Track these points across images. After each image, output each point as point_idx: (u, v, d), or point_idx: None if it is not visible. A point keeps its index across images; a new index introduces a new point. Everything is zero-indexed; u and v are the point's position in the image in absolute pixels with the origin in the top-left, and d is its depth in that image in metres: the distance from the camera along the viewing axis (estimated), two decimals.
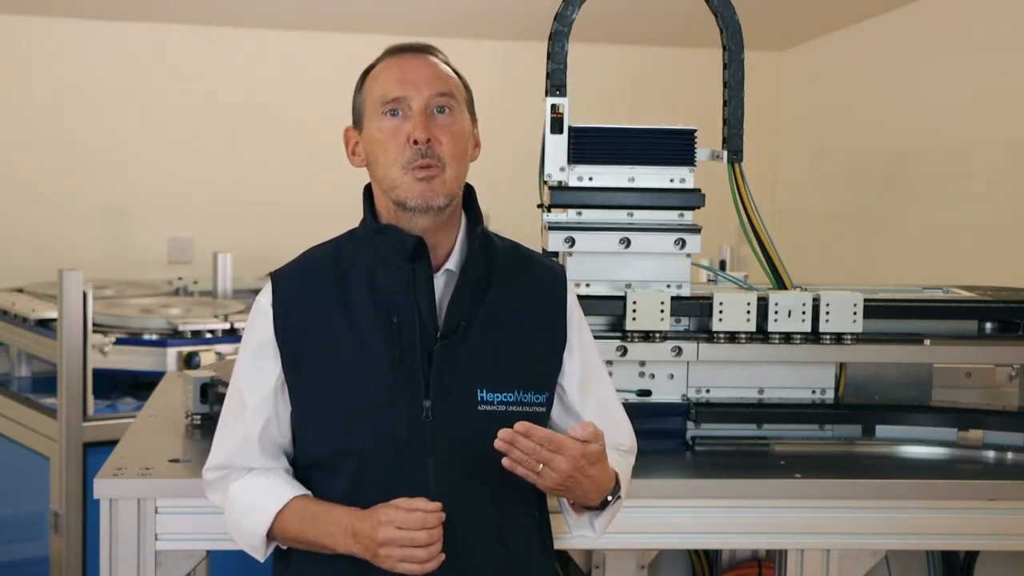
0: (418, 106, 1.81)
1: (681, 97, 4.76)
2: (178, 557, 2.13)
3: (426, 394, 1.80)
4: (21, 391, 3.96)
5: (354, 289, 1.84)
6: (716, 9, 2.54)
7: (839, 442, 2.51)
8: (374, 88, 1.86)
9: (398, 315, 1.80)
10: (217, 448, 1.91)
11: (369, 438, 1.79)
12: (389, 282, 1.82)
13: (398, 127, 1.81)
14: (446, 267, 1.86)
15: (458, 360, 1.81)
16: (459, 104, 1.86)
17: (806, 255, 5.02)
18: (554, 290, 1.93)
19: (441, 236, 1.85)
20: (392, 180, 1.81)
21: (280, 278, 1.88)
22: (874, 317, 2.50)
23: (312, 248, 1.93)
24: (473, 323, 1.83)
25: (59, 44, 5.17)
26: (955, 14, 4.61)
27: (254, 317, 1.89)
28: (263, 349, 1.86)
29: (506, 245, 1.95)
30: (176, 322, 3.84)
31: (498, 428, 1.75)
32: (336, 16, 5.24)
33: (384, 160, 1.82)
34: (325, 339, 1.82)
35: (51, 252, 4.93)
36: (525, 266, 1.94)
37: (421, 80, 1.83)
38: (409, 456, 1.78)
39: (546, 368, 1.89)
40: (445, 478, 1.79)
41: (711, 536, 2.30)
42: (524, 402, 1.84)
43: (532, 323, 1.89)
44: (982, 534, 2.29)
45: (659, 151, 2.50)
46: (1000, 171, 4.31)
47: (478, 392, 1.81)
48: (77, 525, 3.40)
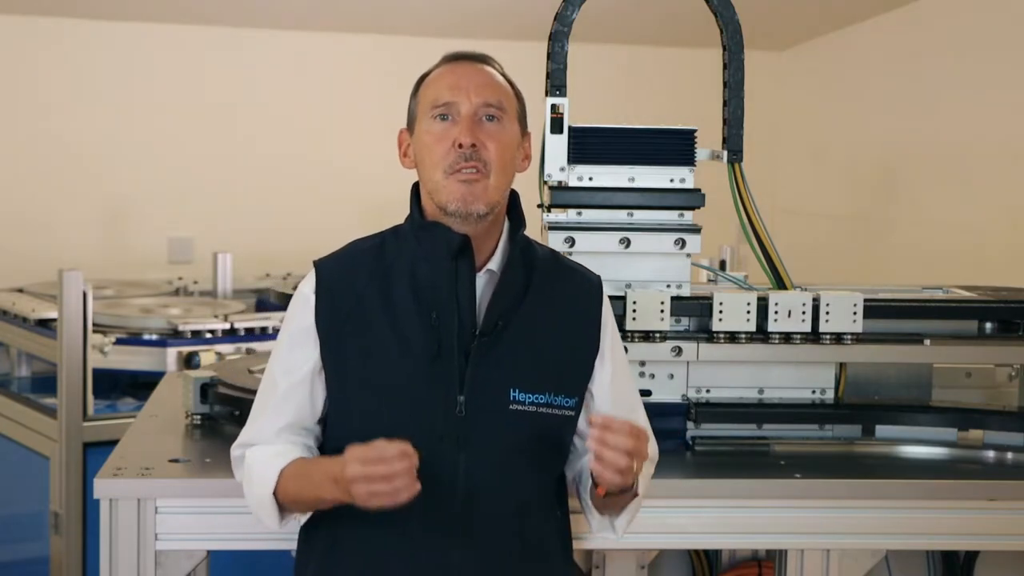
0: (467, 111, 1.84)
1: (681, 97, 4.76)
2: (178, 557, 2.13)
3: (460, 390, 1.82)
4: (21, 391, 3.95)
5: (396, 283, 1.86)
6: (716, 9, 2.54)
7: (839, 442, 2.51)
8: (427, 92, 1.89)
9: (438, 311, 1.83)
10: (246, 428, 1.94)
11: (403, 430, 1.79)
12: (431, 278, 1.85)
13: (446, 131, 1.84)
14: (488, 267, 1.89)
15: (494, 359, 1.84)
16: (509, 115, 1.88)
17: (806, 255, 5.01)
18: (590, 298, 1.97)
19: (484, 238, 1.88)
20: (435, 183, 1.84)
21: (323, 267, 1.91)
22: (874, 317, 2.50)
23: (356, 240, 1.96)
24: (511, 324, 1.86)
25: (59, 44, 5.17)
26: (955, 14, 4.61)
27: (295, 304, 1.91)
28: (303, 335, 1.88)
29: (546, 252, 1.98)
30: (176, 322, 3.84)
31: (528, 428, 1.83)
32: (337, 16, 5.24)
33: (429, 162, 1.85)
34: (365, 330, 1.85)
35: (51, 252, 4.92)
36: (563, 273, 1.97)
37: (472, 87, 1.85)
38: (442, 450, 1.81)
39: (578, 373, 1.92)
40: (474, 473, 1.82)
41: (711, 536, 2.30)
42: (555, 404, 1.87)
43: (567, 328, 1.92)
44: (982, 534, 2.29)
45: (659, 151, 2.50)
46: (1000, 171, 4.31)
47: (511, 392, 1.84)
48: (77, 525, 3.40)
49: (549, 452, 1.91)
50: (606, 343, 1.96)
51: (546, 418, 1.86)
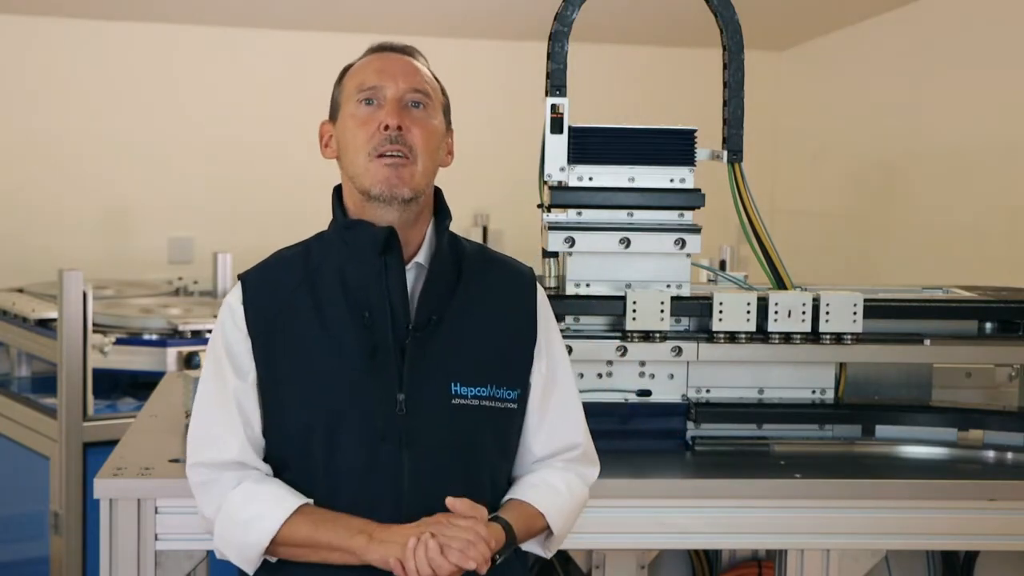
0: (393, 95, 1.83)
1: (681, 97, 4.75)
2: (178, 557, 2.13)
3: (400, 387, 1.80)
4: (21, 391, 3.95)
5: (325, 287, 1.84)
6: (716, 9, 2.54)
7: (839, 442, 2.51)
8: (353, 79, 1.89)
9: (370, 309, 1.81)
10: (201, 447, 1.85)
11: (344, 432, 1.79)
12: (360, 277, 1.83)
13: (371, 115, 1.83)
14: (415, 260, 1.86)
15: (431, 353, 1.81)
16: (434, 105, 1.88)
17: (806, 255, 5.02)
18: (523, 289, 1.94)
19: (410, 231, 1.85)
20: (358, 167, 1.82)
21: (249, 277, 1.89)
22: (874, 317, 2.50)
23: (281, 250, 1.94)
24: (445, 317, 1.83)
25: (59, 44, 5.17)
26: (955, 14, 4.61)
27: (223, 317, 1.87)
28: (238, 346, 1.84)
29: (474, 246, 1.96)
30: (176, 322, 3.84)
31: (472, 423, 1.79)
32: (336, 16, 5.24)
33: (353, 147, 1.83)
34: (296, 337, 1.82)
35: (51, 252, 4.93)
36: (494, 265, 1.95)
37: (399, 73, 1.85)
38: (385, 450, 1.78)
39: (518, 364, 1.90)
40: (419, 471, 1.79)
41: (711, 536, 2.30)
42: (497, 397, 1.85)
43: (502, 319, 1.89)
44: (982, 534, 2.29)
45: (659, 151, 2.50)
46: (1000, 171, 4.31)
47: (452, 386, 1.82)
48: (77, 525, 3.40)
49: (495, 448, 1.87)
50: (542, 333, 1.93)
51: (489, 411, 1.83)
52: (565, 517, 1.90)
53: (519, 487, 1.90)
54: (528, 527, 1.85)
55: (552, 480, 1.90)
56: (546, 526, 1.87)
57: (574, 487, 1.93)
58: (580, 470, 1.96)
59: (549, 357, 1.94)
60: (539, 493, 1.87)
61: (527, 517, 1.85)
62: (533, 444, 1.92)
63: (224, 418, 1.84)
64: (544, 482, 1.89)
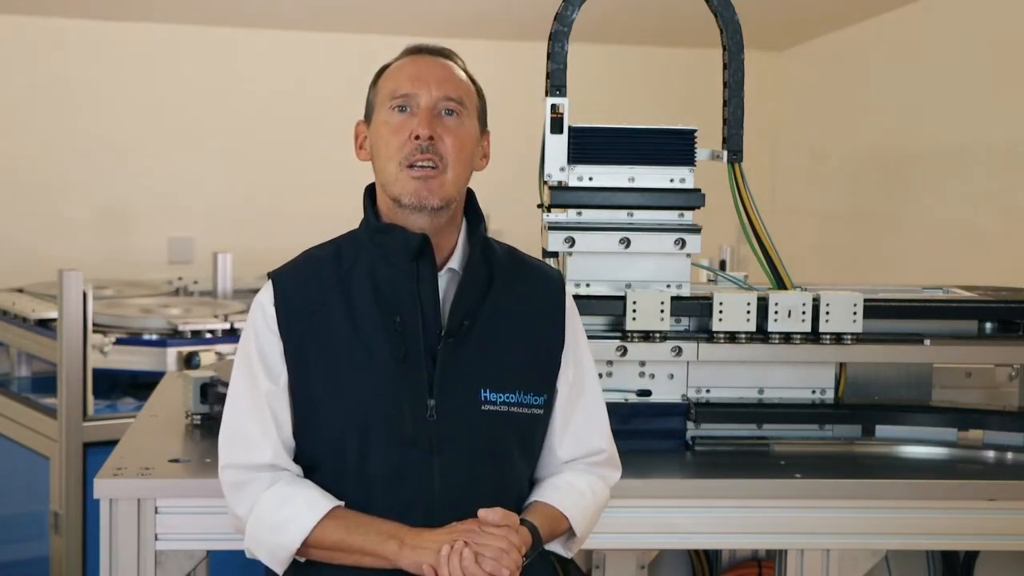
0: (426, 103, 1.81)
1: (681, 97, 4.76)
2: (178, 557, 2.13)
3: (430, 393, 1.79)
4: (21, 391, 3.95)
5: (357, 289, 1.83)
6: (716, 9, 2.54)
7: (839, 442, 2.51)
8: (387, 83, 1.86)
9: (401, 314, 1.80)
10: (237, 446, 1.85)
11: (374, 437, 1.78)
12: (392, 281, 1.82)
13: (404, 123, 1.81)
14: (448, 266, 1.86)
15: (462, 360, 1.81)
16: (468, 111, 1.85)
17: (806, 255, 5.02)
18: (553, 294, 1.94)
19: (442, 236, 1.85)
20: (390, 175, 1.81)
21: (280, 277, 1.87)
22: (874, 317, 2.50)
23: (311, 249, 1.92)
24: (476, 323, 1.83)
25: (59, 44, 5.17)
26: (955, 14, 4.61)
27: (255, 317, 1.86)
28: (270, 348, 1.83)
29: (504, 249, 1.95)
30: (176, 322, 3.84)
31: (500, 429, 1.79)
32: (338, 17, 5.24)
33: (385, 154, 1.82)
34: (328, 339, 1.81)
35: (51, 252, 4.93)
36: (524, 270, 1.94)
37: (433, 80, 1.83)
38: (415, 455, 1.78)
39: (546, 370, 1.90)
40: (449, 477, 1.79)
41: (711, 536, 2.30)
42: (524, 403, 1.85)
43: (532, 325, 1.89)
44: (982, 534, 2.29)
45: (659, 151, 2.50)
46: (1000, 171, 4.31)
47: (481, 392, 1.82)
48: (77, 525, 3.40)
49: (520, 453, 1.88)
50: (570, 338, 1.93)
51: (517, 418, 1.83)
52: (588, 519, 1.91)
53: (544, 489, 1.90)
54: (552, 529, 1.86)
55: (576, 483, 1.91)
56: (569, 527, 1.88)
57: (597, 490, 1.94)
58: (603, 472, 1.97)
59: (576, 362, 1.94)
60: (563, 496, 1.88)
61: (552, 519, 1.86)
62: (558, 448, 1.92)
63: (257, 419, 1.83)
64: (568, 484, 1.90)
